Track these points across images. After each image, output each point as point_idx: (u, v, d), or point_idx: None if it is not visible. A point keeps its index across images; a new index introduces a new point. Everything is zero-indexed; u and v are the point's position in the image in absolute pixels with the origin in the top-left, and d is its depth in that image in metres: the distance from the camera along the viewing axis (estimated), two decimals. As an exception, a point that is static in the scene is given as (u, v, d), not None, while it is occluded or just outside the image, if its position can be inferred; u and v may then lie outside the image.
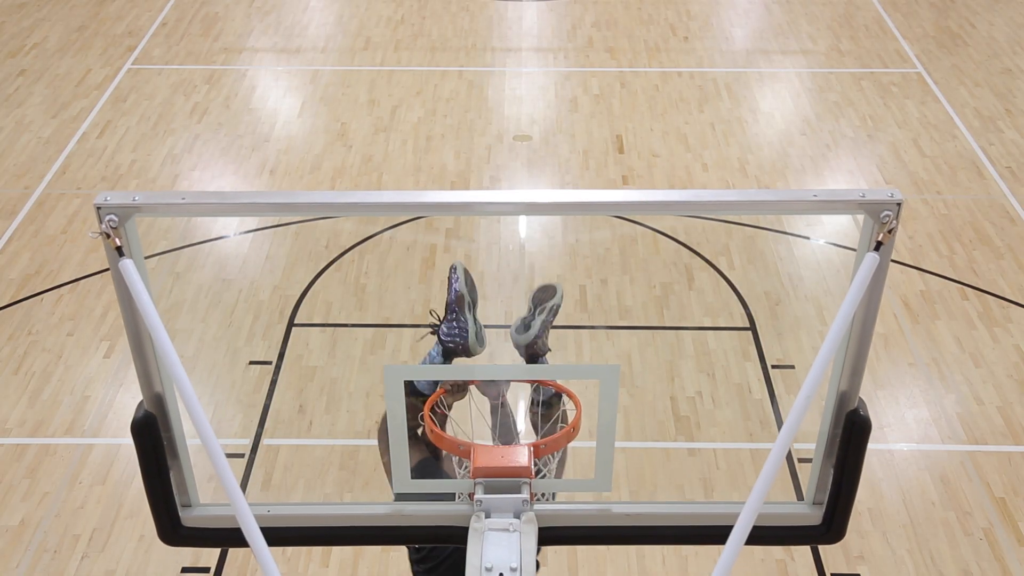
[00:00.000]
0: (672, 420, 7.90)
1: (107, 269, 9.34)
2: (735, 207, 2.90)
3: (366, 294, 9.11)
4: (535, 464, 3.36)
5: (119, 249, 2.80)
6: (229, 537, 3.40)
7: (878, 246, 2.85)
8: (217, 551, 6.96)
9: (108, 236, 2.79)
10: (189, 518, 3.39)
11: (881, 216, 2.82)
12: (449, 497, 3.44)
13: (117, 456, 7.64)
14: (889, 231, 2.82)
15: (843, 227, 9.91)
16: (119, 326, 8.75)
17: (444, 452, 3.98)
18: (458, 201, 3.11)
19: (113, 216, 2.77)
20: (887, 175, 10.79)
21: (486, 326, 8.96)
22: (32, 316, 8.90)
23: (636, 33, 13.66)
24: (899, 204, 2.81)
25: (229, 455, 7.53)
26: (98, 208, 2.78)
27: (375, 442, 7.75)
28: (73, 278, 9.32)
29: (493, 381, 3.93)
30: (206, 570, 6.85)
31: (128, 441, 7.75)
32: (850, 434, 3.23)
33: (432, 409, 3.64)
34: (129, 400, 8.10)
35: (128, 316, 2.95)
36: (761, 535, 3.16)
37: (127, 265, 2.81)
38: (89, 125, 11.59)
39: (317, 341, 8.62)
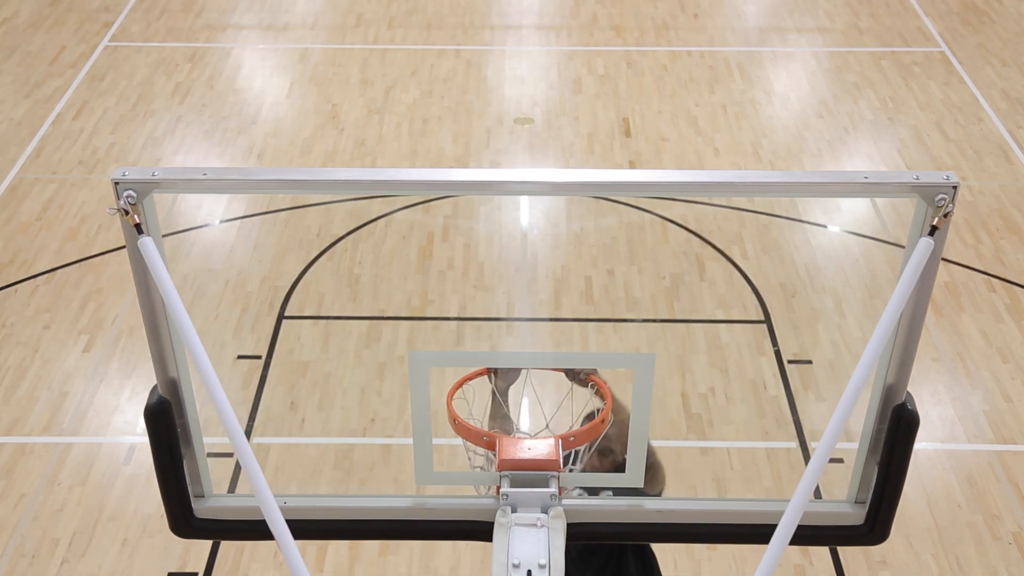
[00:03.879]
0: (684, 417, 7.94)
1: (86, 258, 9.36)
2: (781, 189, 2.94)
3: (360, 285, 9.13)
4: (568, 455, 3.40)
5: (138, 227, 2.82)
6: (243, 529, 3.43)
7: (933, 231, 2.89)
8: (205, 555, 6.98)
9: (127, 213, 2.81)
10: (202, 509, 3.42)
11: (936, 199, 2.87)
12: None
13: (98, 456, 7.66)
14: (945, 215, 2.87)
15: (862, 215, 9.96)
16: (99, 318, 8.77)
17: None
18: (480, 180, 3.14)
19: (131, 192, 2.79)
20: (909, 160, 10.84)
21: (488, 319, 9.02)
22: (6, 308, 8.90)
23: (643, 10, 13.69)
24: (955, 187, 2.86)
25: (217, 454, 7.53)
26: (116, 184, 2.80)
27: (370, 441, 7.82)
28: (49, 268, 9.32)
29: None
30: (194, 575, 6.87)
31: (109, 440, 7.78)
32: (897, 429, 3.26)
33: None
34: (110, 396, 8.11)
35: (144, 297, 2.98)
36: (798, 535, 3.18)
37: (146, 243, 2.83)
38: (64, 106, 11.58)
39: (309, 334, 8.64)
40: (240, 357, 8.43)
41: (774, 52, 12.80)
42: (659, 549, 7.16)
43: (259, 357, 8.43)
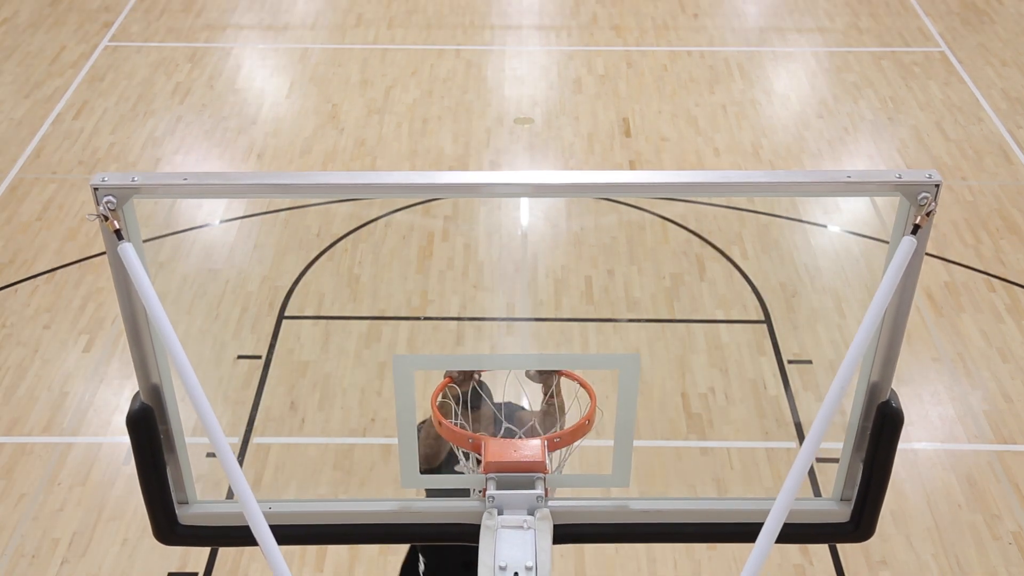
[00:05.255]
0: (684, 417, 7.93)
1: (86, 258, 9.37)
2: (764, 188, 2.93)
3: (360, 285, 9.13)
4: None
5: (118, 232, 2.82)
6: (229, 535, 3.43)
7: (915, 229, 2.89)
8: (205, 555, 6.99)
9: (106, 219, 2.81)
10: (187, 516, 3.42)
11: (919, 198, 2.86)
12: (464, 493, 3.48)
13: (98, 456, 7.67)
14: (927, 214, 2.87)
15: (861, 215, 9.94)
16: (99, 318, 8.77)
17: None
18: (471, 182, 3.12)
19: (111, 198, 2.79)
20: (909, 160, 10.82)
21: (488, 318, 9.02)
22: (6, 308, 8.92)
23: (643, 9, 13.68)
24: (937, 186, 2.85)
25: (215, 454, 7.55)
26: (95, 189, 2.79)
27: (370, 440, 7.82)
28: (49, 268, 9.33)
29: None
30: (194, 575, 6.88)
31: (109, 439, 7.79)
32: (881, 427, 3.26)
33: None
34: (110, 396, 8.12)
35: (126, 303, 2.97)
36: (786, 533, 3.19)
37: (126, 249, 2.83)
38: (64, 106, 11.59)
39: (309, 334, 8.64)
40: (240, 357, 8.43)
41: (774, 52, 12.78)
42: (659, 548, 7.17)
43: (259, 357, 8.43)
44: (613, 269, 9.30)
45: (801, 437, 7.78)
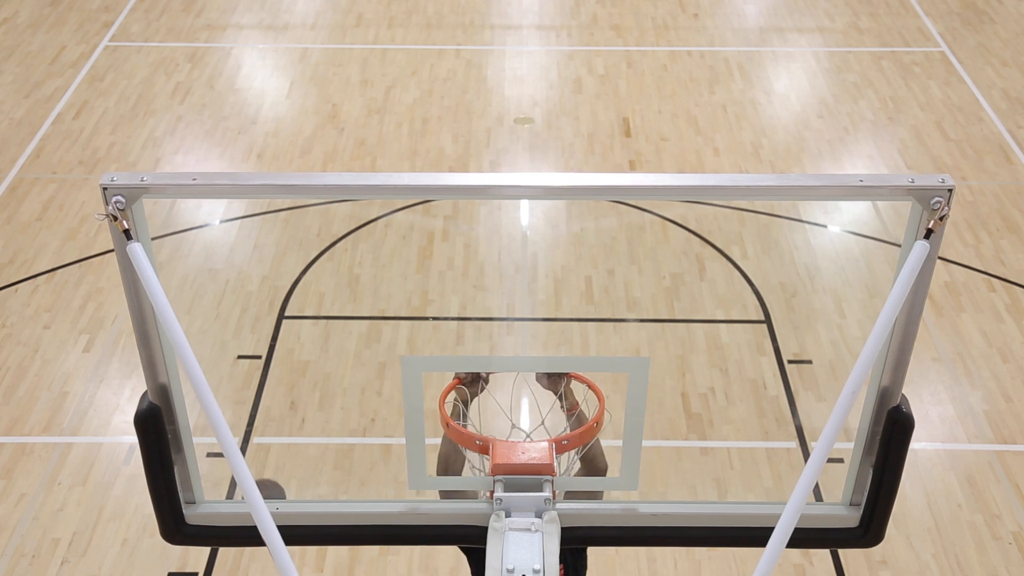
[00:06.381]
0: (684, 417, 7.92)
1: (86, 258, 9.35)
2: (774, 192, 2.91)
3: (360, 284, 9.11)
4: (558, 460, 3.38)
5: (127, 232, 2.81)
6: (235, 535, 3.41)
7: (928, 234, 2.88)
8: (205, 555, 6.97)
9: (115, 218, 2.79)
10: (193, 515, 3.40)
11: (932, 203, 2.85)
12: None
13: (98, 456, 7.65)
14: (940, 218, 2.85)
15: (861, 215, 9.94)
16: (99, 318, 8.75)
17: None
18: (475, 184, 3.11)
19: (120, 197, 2.77)
20: (909, 160, 10.81)
21: (488, 319, 9.01)
22: (6, 308, 8.89)
23: (643, 9, 13.67)
24: (951, 190, 2.84)
25: (216, 454, 7.54)
26: (104, 189, 2.78)
27: (370, 440, 7.81)
28: (49, 267, 9.31)
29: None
30: (194, 575, 6.86)
31: (109, 439, 7.77)
32: (892, 432, 3.24)
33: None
34: (110, 396, 8.10)
35: (134, 303, 2.96)
36: (794, 538, 3.18)
37: (135, 249, 2.82)
38: (64, 106, 11.56)
39: (309, 334, 8.62)
40: (240, 357, 8.42)
41: (774, 52, 12.77)
42: (659, 549, 7.16)
43: (259, 357, 8.41)
44: (613, 269, 9.28)
45: (801, 437, 7.77)
